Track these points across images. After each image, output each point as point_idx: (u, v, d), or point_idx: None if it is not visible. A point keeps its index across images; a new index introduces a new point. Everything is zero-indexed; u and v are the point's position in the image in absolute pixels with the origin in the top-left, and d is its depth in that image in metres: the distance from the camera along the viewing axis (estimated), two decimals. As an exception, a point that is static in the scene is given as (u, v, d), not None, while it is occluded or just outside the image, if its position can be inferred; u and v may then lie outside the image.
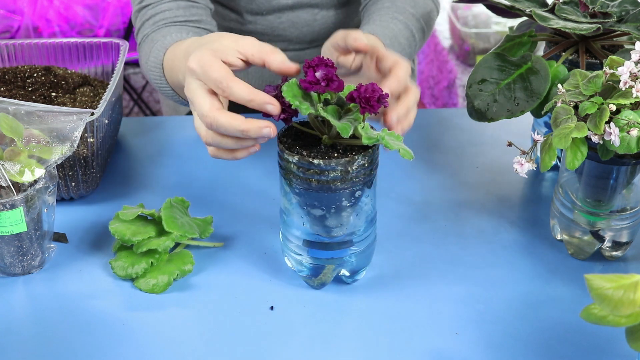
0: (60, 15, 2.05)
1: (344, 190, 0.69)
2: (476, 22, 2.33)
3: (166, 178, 0.97)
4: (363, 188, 0.70)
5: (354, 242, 0.74)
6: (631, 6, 0.86)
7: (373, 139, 0.65)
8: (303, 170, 0.68)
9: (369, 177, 0.70)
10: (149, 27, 0.98)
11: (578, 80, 0.74)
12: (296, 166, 0.68)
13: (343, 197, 0.69)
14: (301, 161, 0.67)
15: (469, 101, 0.84)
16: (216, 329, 0.73)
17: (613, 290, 0.54)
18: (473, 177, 0.97)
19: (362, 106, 0.65)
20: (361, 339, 0.72)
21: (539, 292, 0.77)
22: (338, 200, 0.70)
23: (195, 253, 0.81)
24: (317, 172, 0.67)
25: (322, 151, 0.69)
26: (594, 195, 0.78)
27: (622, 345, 0.70)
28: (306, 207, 0.71)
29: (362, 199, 0.71)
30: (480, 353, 0.70)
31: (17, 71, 1.00)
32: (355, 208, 0.71)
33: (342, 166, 0.67)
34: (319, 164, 0.67)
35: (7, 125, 0.75)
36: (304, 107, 0.65)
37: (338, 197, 0.69)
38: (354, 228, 0.73)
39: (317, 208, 0.70)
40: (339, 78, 0.66)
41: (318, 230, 0.72)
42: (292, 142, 0.70)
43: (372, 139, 0.65)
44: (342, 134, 0.64)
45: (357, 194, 0.70)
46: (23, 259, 0.78)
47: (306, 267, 0.76)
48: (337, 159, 0.67)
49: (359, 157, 0.67)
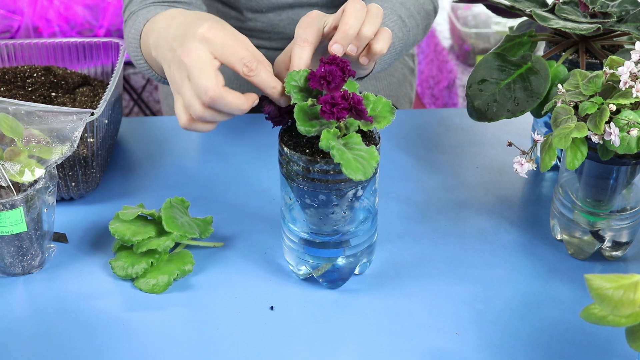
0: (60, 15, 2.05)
1: (347, 188, 0.69)
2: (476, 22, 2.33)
3: (166, 178, 0.97)
4: (365, 186, 0.70)
5: (355, 239, 0.74)
6: (631, 6, 0.86)
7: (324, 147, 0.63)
8: (307, 171, 0.68)
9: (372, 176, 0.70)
10: (135, 4, 0.95)
11: (578, 80, 0.74)
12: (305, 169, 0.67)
13: (344, 194, 0.70)
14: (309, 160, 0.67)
15: (469, 101, 0.84)
16: (216, 329, 0.73)
17: (613, 290, 0.54)
18: (473, 177, 0.97)
19: (326, 113, 0.64)
20: (361, 339, 0.72)
21: (538, 292, 0.77)
22: (339, 198, 0.70)
23: (196, 253, 0.81)
24: (326, 172, 0.67)
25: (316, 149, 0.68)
26: (594, 195, 0.78)
27: (622, 345, 0.70)
28: (307, 205, 0.71)
29: (363, 197, 0.71)
30: (480, 353, 0.70)
31: (17, 71, 1.00)
32: (356, 206, 0.72)
33: None
34: (326, 162, 0.66)
35: (7, 125, 0.75)
36: (297, 97, 0.65)
37: (338, 194, 0.69)
38: (355, 226, 0.73)
39: (319, 206, 0.70)
40: (341, 81, 0.65)
41: (318, 228, 0.72)
42: (295, 141, 0.70)
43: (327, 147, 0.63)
44: (303, 132, 0.64)
45: (359, 193, 0.70)
46: (23, 259, 0.78)
47: (307, 267, 0.76)
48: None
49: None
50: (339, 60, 0.66)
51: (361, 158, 0.64)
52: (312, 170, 0.67)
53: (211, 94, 0.65)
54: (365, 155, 0.64)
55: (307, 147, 0.69)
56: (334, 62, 0.66)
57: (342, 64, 0.66)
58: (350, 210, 0.71)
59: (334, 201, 0.70)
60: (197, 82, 0.66)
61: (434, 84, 2.57)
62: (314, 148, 0.68)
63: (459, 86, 2.31)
